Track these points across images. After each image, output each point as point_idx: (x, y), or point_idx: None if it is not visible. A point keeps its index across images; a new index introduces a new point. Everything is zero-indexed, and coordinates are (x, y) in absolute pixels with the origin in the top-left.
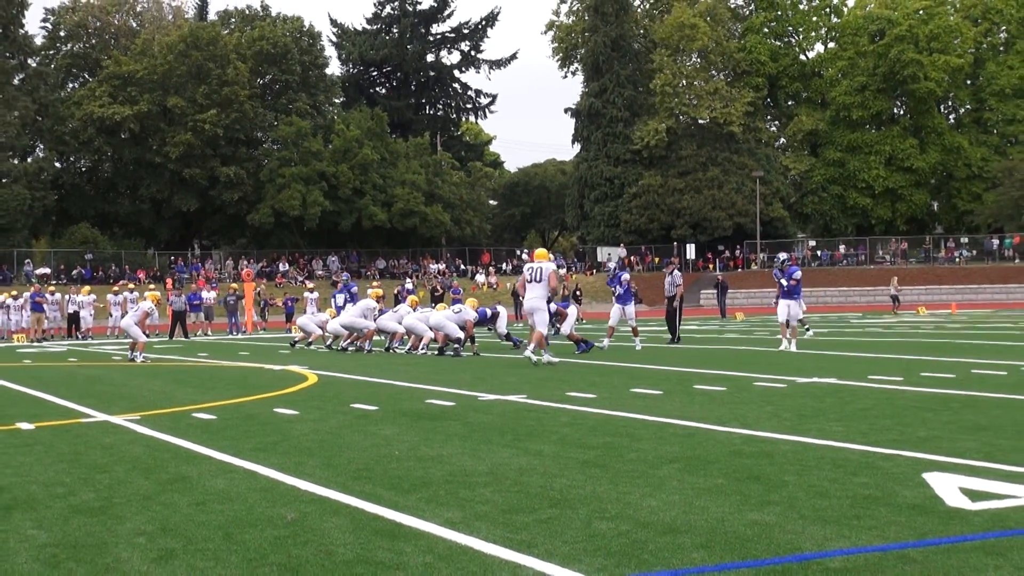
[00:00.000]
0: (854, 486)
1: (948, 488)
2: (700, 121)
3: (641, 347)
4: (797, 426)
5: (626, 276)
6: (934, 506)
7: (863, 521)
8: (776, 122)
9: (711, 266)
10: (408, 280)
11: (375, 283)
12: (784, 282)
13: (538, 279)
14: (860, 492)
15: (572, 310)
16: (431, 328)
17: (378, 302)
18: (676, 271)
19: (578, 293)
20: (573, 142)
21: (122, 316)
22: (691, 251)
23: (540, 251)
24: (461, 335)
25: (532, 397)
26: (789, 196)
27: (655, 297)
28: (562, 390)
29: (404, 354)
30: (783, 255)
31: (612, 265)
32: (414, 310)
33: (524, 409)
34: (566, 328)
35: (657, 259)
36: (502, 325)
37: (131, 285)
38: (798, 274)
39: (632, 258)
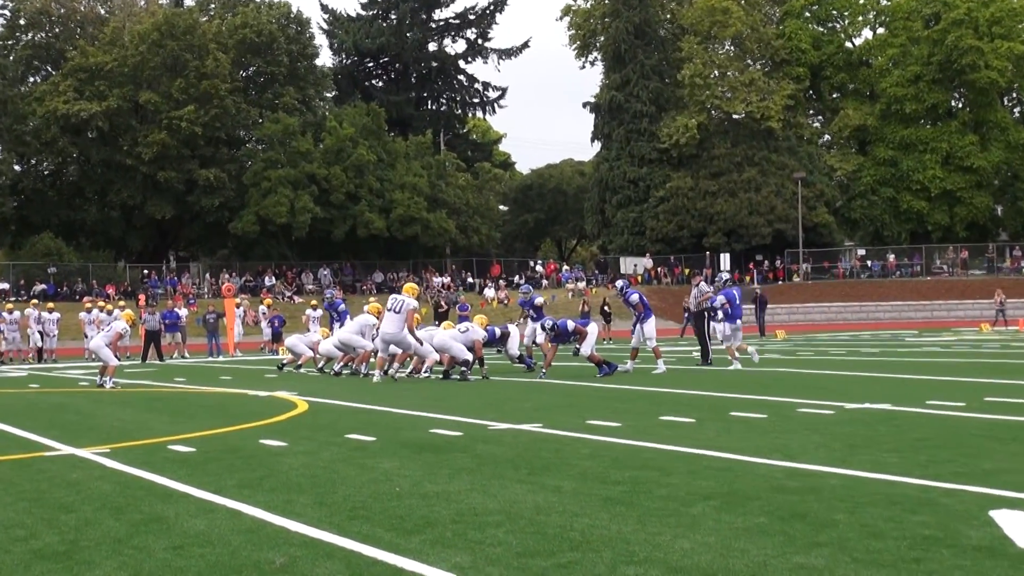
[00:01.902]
0: (912, 525)
1: (1019, 527)
2: (734, 116)
3: (664, 369)
4: (847, 458)
5: (635, 297)
6: (1003, 548)
7: (923, 565)
8: (820, 117)
9: (748, 278)
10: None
11: (372, 298)
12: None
13: (397, 310)
14: (919, 532)
15: (592, 328)
16: (435, 349)
17: (377, 318)
18: (703, 283)
19: (606, 309)
20: (593, 140)
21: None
22: (725, 261)
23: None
24: (469, 357)
25: (549, 426)
26: (835, 199)
27: (676, 316)
28: (582, 418)
29: (405, 378)
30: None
31: (620, 284)
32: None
33: (540, 439)
34: (586, 348)
35: (687, 270)
36: (513, 346)
37: (100, 302)
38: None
39: (659, 269)
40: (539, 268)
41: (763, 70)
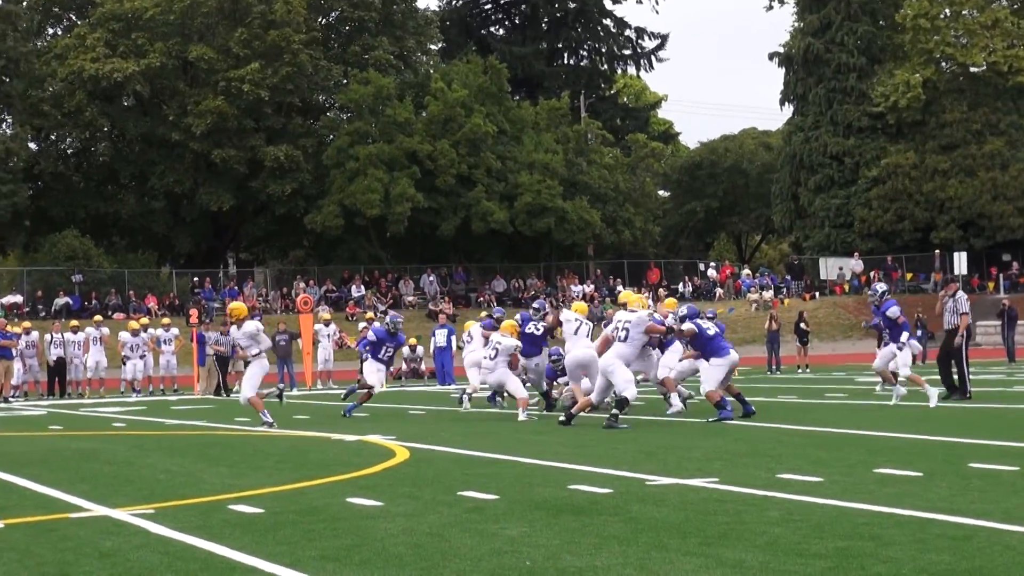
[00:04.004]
0: None
1: None
2: (973, 69)
3: (897, 402)
4: None
5: (895, 309)
6: None
7: None
8: None
9: (991, 285)
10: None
11: (483, 313)
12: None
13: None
14: None
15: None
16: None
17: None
18: (960, 293)
19: (803, 327)
20: (782, 103)
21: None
22: (961, 262)
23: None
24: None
25: (726, 481)
26: None
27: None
28: (772, 470)
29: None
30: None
31: (879, 288)
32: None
33: (715, 499)
34: (706, 384)
35: (909, 275)
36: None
37: (136, 321)
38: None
39: (872, 274)
40: (711, 272)
41: (1011, 7)
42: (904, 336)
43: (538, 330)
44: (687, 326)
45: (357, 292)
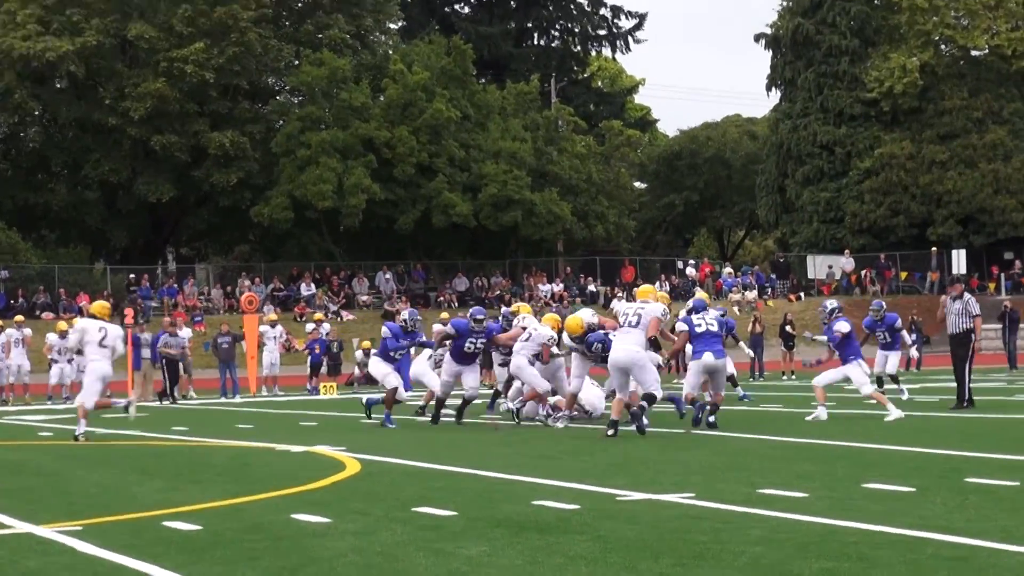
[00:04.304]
0: None
1: None
2: (974, 53)
3: (899, 417)
4: None
5: (843, 324)
6: None
7: None
8: None
9: (992, 286)
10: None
11: (444, 315)
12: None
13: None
14: None
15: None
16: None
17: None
18: (967, 295)
19: (789, 330)
20: (769, 88)
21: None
22: (959, 261)
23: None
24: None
25: (704, 496)
26: None
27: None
28: (753, 485)
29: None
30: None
31: (830, 305)
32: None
33: (691, 516)
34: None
35: (904, 274)
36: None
37: (64, 322)
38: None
39: (864, 273)
40: (690, 271)
41: None
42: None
43: (477, 348)
44: (680, 326)
45: (307, 291)
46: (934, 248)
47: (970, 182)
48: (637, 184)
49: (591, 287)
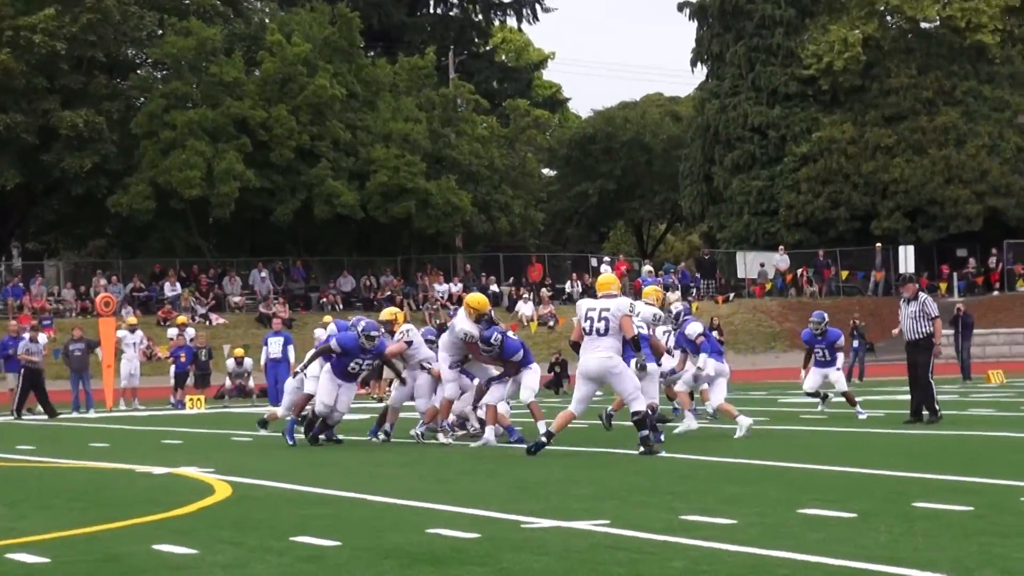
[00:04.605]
0: None
1: None
2: (924, 25)
3: (746, 432)
4: None
5: (696, 327)
6: None
7: None
8: None
9: (943, 286)
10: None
11: (327, 318)
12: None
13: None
14: None
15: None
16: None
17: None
18: (923, 295)
19: (716, 336)
20: (694, 64)
21: None
22: (907, 258)
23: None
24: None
25: (620, 523)
26: None
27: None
28: (675, 510)
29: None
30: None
31: (677, 308)
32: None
33: (605, 545)
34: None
35: (845, 273)
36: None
37: None
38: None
39: (800, 272)
40: (605, 269)
41: None
42: (702, 358)
43: (363, 368)
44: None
45: (171, 291)
46: (878, 244)
47: (919, 170)
48: (546, 171)
49: (493, 287)
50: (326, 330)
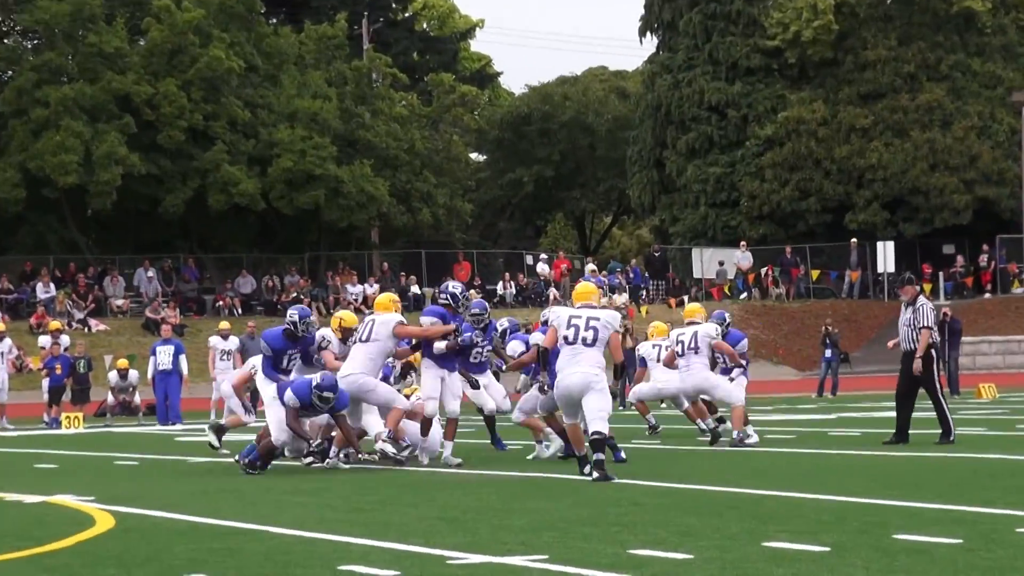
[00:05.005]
0: None
1: None
2: None
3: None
4: None
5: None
6: None
7: None
8: None
9: (927, 288)
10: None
11: (224, 324)
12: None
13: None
14: None
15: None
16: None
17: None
18: (922, 299)
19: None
20: (643, 34)
21: None
22: (886, 255)
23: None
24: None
25: (559, 559)
26: None
27: (798, 359)
28: (622, 544)
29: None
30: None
31: (506, 324)
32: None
33: None
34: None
35: (816, 272)
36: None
37: None
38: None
39: (764, 272)
40: (542, 268)
41: None
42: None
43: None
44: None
45: (45, 293)
46: (854, 240)
47: (899, 155)
48: (474, 156)
49: (414, 288)
50: (226, 340)
